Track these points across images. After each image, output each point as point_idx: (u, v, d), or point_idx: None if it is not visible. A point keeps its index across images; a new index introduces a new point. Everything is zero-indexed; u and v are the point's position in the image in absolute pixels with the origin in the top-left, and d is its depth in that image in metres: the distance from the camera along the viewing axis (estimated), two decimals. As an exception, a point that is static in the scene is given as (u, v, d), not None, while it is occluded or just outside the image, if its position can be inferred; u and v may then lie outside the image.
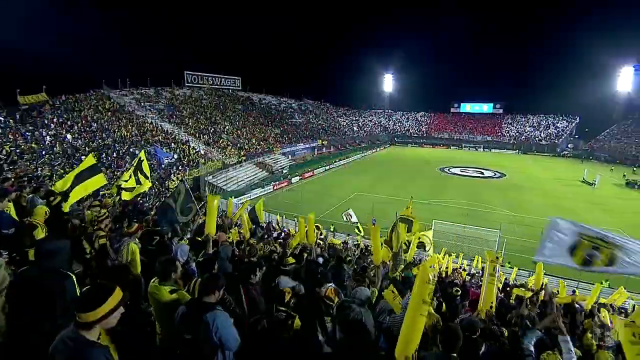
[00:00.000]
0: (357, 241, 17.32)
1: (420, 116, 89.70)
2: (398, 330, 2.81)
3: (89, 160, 6.80)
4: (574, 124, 73.95)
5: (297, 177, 37.75)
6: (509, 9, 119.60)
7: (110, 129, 29.18)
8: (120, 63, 65.43)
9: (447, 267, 12.92)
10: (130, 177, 8.89)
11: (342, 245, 12.91)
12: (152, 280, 2.96)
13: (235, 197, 26.66)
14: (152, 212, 8.37)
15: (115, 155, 25.73)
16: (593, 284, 13.25)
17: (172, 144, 32.15)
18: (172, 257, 3.17)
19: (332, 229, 19.99)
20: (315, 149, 57.35)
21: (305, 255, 6.22)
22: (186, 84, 53.07)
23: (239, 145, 41.36)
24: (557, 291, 9.36)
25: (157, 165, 27.42)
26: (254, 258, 5.43)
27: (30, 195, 6.00)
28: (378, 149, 68.96)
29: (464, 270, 14.05)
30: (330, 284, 3.79)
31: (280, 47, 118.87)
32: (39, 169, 19.51)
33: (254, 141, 45.01)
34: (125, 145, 27.51)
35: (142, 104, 39.65)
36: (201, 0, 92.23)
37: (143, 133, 31.17)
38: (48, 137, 23.98)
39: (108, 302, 1.82)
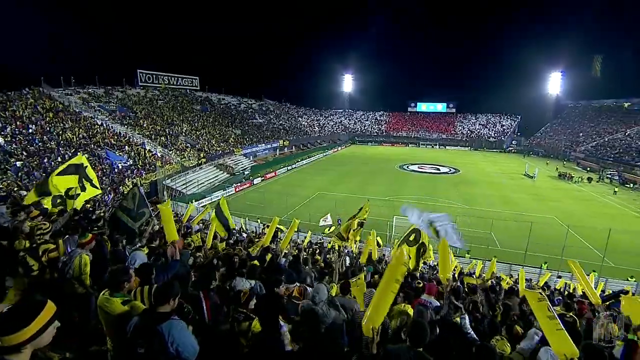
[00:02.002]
0: (322, 239, 17.88)
1: (380, 115, 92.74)
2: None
3: (78, 159, 6.57)
4: (516, 123, 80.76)
5: (259, 178, 37.54)
6: (460, 19, 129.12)
7: (54, 131, 27.11)
8: (62, 59, 60.72)
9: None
10: (76, 184, 8.51)
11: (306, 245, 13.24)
12: (102, 292, 2.79)
13: (196, 201, 26.06)
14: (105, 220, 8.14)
15: (60, 159, 23.99)
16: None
17: (126, 146, 30.60)
18: (124, 267, 3.00)
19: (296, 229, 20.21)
20: (277, 150, 57.24)
21: (269, 256, 6.36)
22: (139, 84, 50.52)
23: (198, 147, 40.25)
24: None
25: (109, 169, 26.05)
26: (218, 262, 5.40)
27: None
28: (339, 148, 70.24)
29: (424, 263, 14.85)
30: (296, 284, 4.00)
31: (239, 47, 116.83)
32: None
33: (213, 142, 44.01)
34: (71, 149, 25.70)
35: (91, 104, 37.16)
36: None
37: (92, 136, 29.34)
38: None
39: (38, 320, 1.57)
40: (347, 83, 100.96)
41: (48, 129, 27.10)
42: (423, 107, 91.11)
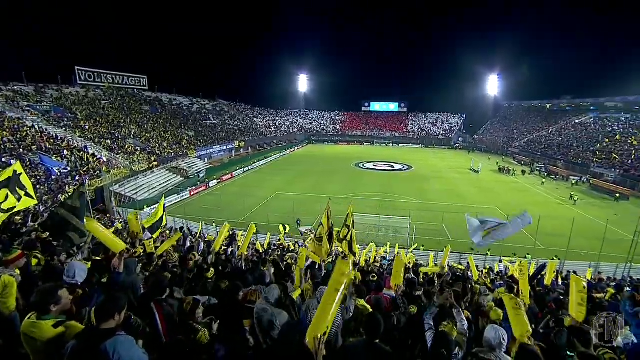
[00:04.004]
0: (280, 240, 17.96)
1: (335, 115, 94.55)
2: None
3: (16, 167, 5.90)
4: (462, 121, 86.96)
5: (215, 181, 36.53)
6: (408, 22, 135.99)
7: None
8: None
9: (368, 257, 14.10)
10: (7, 195, 7.61)
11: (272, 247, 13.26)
12: (27, 317, 2.43)
13: (147, 207, 24.77)
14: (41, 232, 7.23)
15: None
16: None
17: (65, 151, 28.04)
18: (51, 286, 2.64)
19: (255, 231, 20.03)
20: (233, 151, 56.02)
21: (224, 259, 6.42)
22: (78, 82, 46.51)
23: (148, 150, 38.09)
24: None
25: (45, 176, 23.71)
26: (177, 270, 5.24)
27: None
28: (296, 148, 70.42)
29: (384, 257, 15.50)
30: (251, 287, 3.93)
31: (191, 46, 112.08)
32: None
33: (165, 145, 41.92)
34: (-5, 154, 23.02)
35: (17, 103, 33.45)
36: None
37: (21, 139, 26.48)
38: None
39: None
40: (302, 83, 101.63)
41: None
42: (376, 106, 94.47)
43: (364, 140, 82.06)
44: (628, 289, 6.41)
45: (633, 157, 38.23)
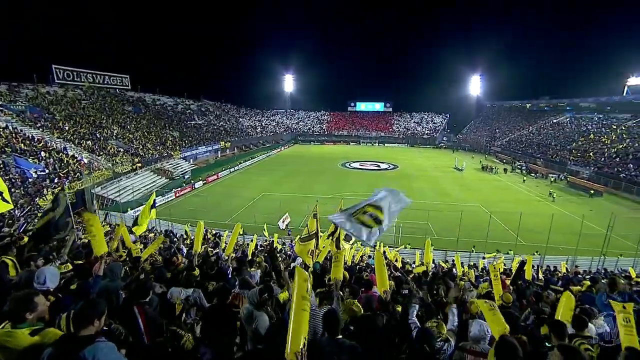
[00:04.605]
0: (265, 237, 17.92)
1: (321, 115, 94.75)
2: (312, 321, 3.05)
3: None
4: (446, 121, 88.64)
5: (201, 182, 36.06)
6: (394, 22, 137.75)
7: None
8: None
9: (354, 255, 14.26)
10: None
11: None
12: (1, 326, 2.35)
13: (131, 209, 24.30)
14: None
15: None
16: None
17: (42, 152, 27.11)
18: (26, 293, 2.56)
19: (241, 232, 19.92)
20: (219, 151, 55.43)
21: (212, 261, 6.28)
22: (56, 81, 45.00)
23: (132, 151, 37.24)
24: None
25: (20, 179, 22.85)
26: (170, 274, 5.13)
27: None
28: (282, 148, 70.23)
29: (369, 256, 15.67)
30: (234, 290, 3.92)
31: (175, 46, 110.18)
32: None
33: (149, 146, 41.07)
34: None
35: (-10, 103, 32.18)
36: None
37: (-6, 140, 25.47)
38: None
39: None
40: (288, 83, 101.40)
41: None
42: (362, 106, 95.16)
43: (350, 140, 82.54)
44: (603, 281, 6.74)
45: (605, 155, 39.91)
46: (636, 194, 30.49)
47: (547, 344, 3.22)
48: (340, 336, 2.60)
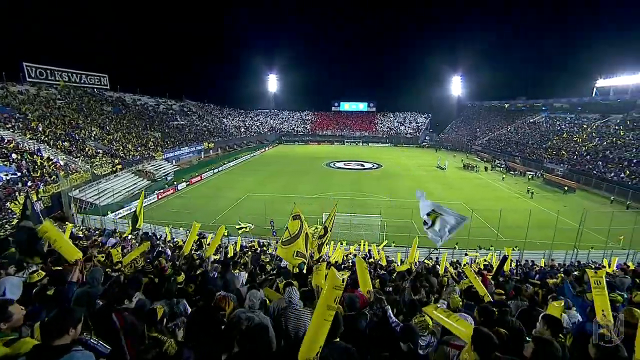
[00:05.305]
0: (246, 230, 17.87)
1: (305, 115, 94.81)
2: (289, 321, 3.21)
3: None
4: (428, 120, 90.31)
5: (184, 183, 35.45)
6: (378, 25, 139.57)
7: None
8: None
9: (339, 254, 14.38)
10: None
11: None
12: None
13: (112, 212, 23.67)
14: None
15: None
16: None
17: (13, 154, 25.95)
18: (2, 301, 2.50)
19: (226, 234, 19.73)
20: (202, 152, 54.65)
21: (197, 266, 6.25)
22: (28, 80, 43.13)
23: (112, 152, 36.19)
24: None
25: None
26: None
27: None
28: (266, 149, 69.91)
29: (354, 255, 15.78)
30: (220, 292, 3.80)
31: (156, 45, 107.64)
32: None
33: (130, 147, 39.99)
34: None
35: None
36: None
37: (-41, 142, 24.18)
38: None
39: None
40: (272, 83, 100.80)
41: None
42: (346, 106, 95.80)
43: (334, 140, 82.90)
44: (575, 273, 7.12)
45: (577, 153, 41.76)
46: (605, 189, 32.02)
47: (527, 338, 3.38)
48: (337, 339, 2.60)
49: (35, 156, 27.14)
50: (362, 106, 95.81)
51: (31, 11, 71.33)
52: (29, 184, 23.26)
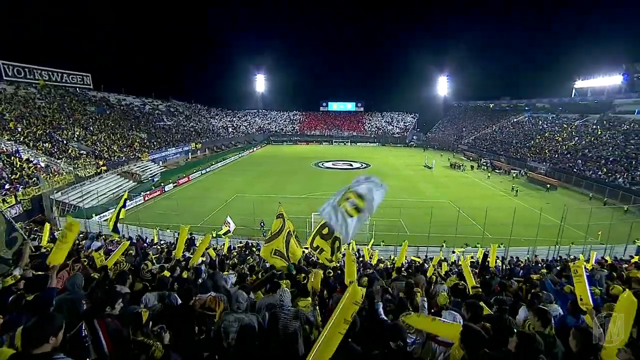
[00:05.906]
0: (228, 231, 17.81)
1: (293, 115, 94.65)
2: (280, 322, 3.25)
3: None
4: (416, 120, 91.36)
5: (171, 184, 34.97)
6: (365, 26, 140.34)
7: None
8: None
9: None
10: None
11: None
12: None
13: (96, 215, 23.15)
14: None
15: None
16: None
17: (-9, 156, 25.08)
18: None
19: (213, 235, 19.56)
20: (189, 153, 53.97)
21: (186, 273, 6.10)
22: (4, 78, 41.64)
23: (96, 153, 35.35)
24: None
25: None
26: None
27: None
28: (255, 149, 69.54)
29: (343, 254, 15.85)
30: (210, 293, 3.86)
31: (141, 44, 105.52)
32: None
33: (115, 148, 39.13)
34: None
35: None
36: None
37: None
38: None
39: None
40: (260, 83, 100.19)
41: None
42: (334, 106, 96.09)
43: (322, 140, 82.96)
44: (557, 268, 7.37)
45: (558, 152, 43.03)
46: (584, 187, 33.06)
47: (515, 330, 3.51)
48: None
49: (13, 157, 26.29)
50: (350, 106, 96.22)
51: (10, 9, 68.90)
52: (7, 186, 22.50)
